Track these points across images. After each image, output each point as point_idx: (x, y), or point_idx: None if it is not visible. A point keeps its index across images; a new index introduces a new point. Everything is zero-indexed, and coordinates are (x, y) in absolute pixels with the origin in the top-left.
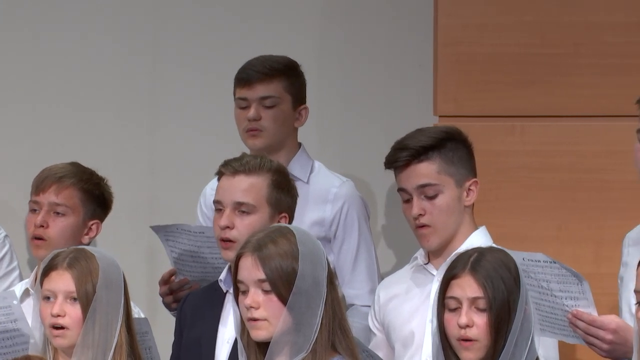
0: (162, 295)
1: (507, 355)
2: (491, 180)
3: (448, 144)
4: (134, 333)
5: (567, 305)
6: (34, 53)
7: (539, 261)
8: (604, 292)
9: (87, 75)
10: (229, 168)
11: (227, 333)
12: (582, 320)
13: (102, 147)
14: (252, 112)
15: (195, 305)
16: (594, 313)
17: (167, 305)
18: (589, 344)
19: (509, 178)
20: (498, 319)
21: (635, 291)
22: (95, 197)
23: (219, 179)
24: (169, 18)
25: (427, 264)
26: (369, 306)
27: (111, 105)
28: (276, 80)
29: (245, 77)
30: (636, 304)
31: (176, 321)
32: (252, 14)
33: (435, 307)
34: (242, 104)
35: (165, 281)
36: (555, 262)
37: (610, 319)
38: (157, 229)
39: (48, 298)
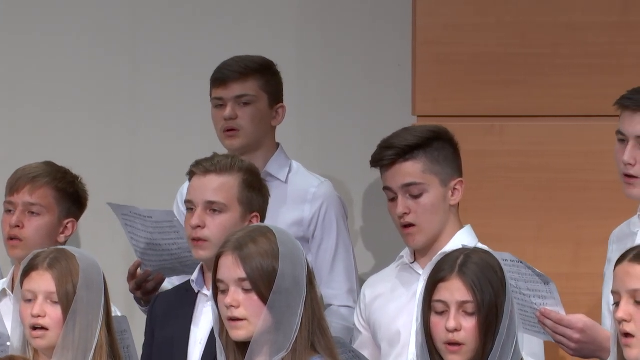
0: (132, 291)
1: (494, 358)
2: (470, 180)
3: (434, 143)
4: (114, 333)
5: (535, 304)
6: (10, 52)
7: (507, 260)
8: (583, 292)
9: (65, 75)
10: (200, 168)
11: (199, 334)
12: (550, 319)
13: (81, 147)
14: (228, 111)
15: (166, 305)
16: (562, 312)
17: (139, 301)
18: (558, 342)
19: (488, 178)
20: (486, 322)
21: (613, 292)
22: (70, 195)
23: (190, 179)
24: (147, 18)
25: (413, 262)
26: (347, 306)
27: (90, 105)
28: (251, 79)
29: (221, 76)
30: (614, 304)
31: (147, 321)
32: (230, 15)
33: (421, 307)
34: (218, 104)
35: (132, 275)
36: (521, 262)
37: (577, 318)
38: (114, 208)
39: (29, 299)
